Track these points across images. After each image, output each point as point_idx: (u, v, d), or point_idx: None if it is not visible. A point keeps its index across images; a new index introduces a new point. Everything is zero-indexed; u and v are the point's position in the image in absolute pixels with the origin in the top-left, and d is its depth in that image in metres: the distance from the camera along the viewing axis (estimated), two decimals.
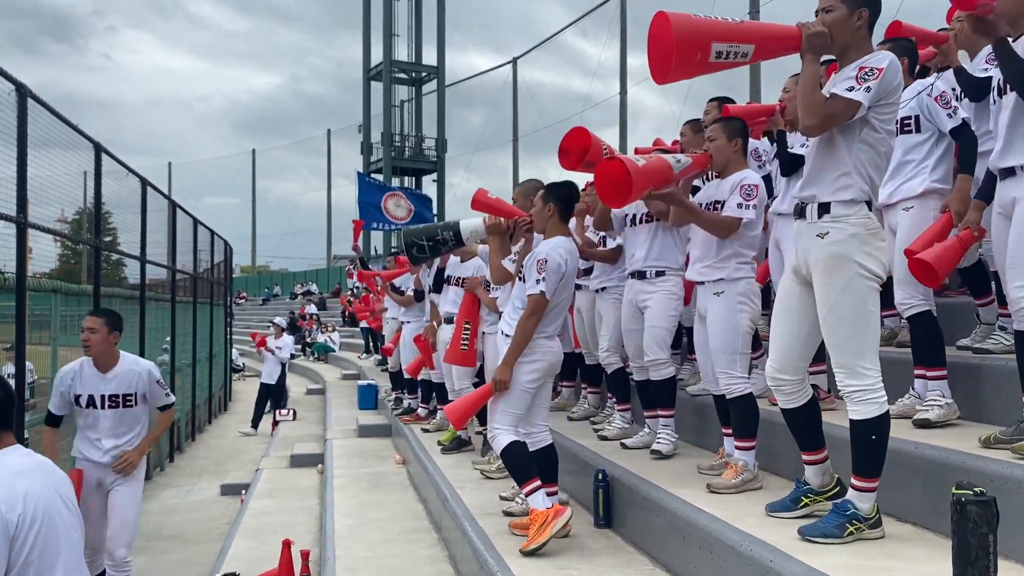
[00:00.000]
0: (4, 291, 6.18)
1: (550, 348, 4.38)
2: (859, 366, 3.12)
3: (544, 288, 4.27)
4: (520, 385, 4.32)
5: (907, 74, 4.19)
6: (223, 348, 19.88)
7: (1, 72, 5.85)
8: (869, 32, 3.24)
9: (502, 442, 4.30)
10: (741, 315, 4.30)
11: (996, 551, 2.15)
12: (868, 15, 3.19)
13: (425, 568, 4.92)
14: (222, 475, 11.19)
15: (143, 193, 11.11)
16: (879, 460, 3.16)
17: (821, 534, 3.15)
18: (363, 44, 42.36)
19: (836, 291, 3.14)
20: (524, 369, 4.32)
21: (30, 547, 2.51)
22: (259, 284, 52.30)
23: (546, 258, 4.30)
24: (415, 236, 4.86)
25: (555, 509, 4.13)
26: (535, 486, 4.19)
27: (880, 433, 3.13)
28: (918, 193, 4.22)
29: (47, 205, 6.93)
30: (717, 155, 4.38)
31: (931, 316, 4.14)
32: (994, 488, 2.57)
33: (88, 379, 5.30)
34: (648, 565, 3.93)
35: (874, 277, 3.15)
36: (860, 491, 3.16)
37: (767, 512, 3.56)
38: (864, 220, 3.15)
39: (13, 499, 2.51)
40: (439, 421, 8.16)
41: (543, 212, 4.52)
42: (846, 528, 3.14)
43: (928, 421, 3.92)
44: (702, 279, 4.42)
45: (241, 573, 5.62)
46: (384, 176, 38.85)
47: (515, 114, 40.54)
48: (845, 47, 3.20)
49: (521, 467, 4.28)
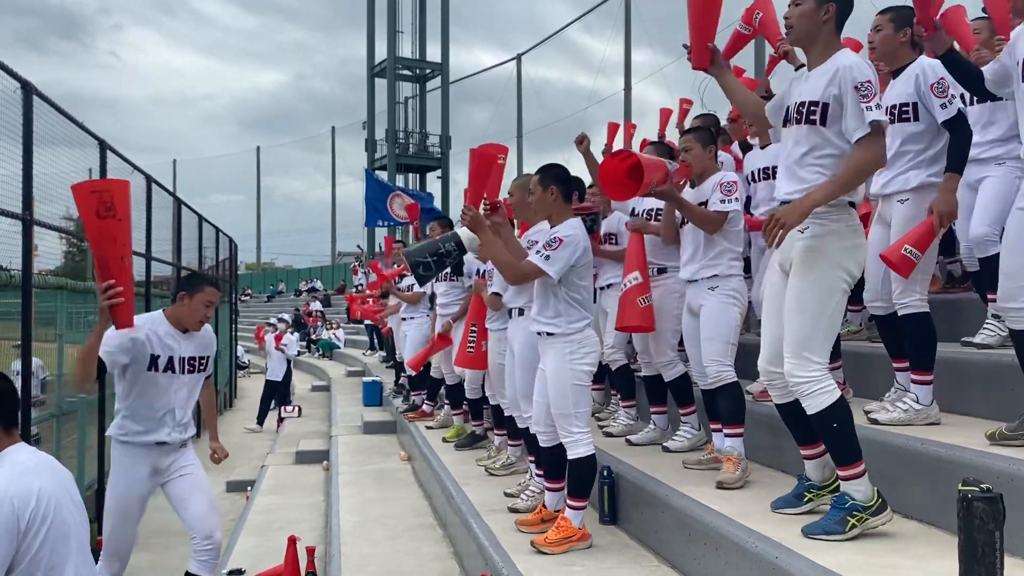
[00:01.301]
0: (10, 288, 6.20)
1: (595, 338, 4.29)
2: (809, 356, 3.14)
3: (547, 267, 4.05)
4: (580, 381, 4.16)
5: (909, 47, 4.05)
6: (228, 345, 19.92)
7: (7, 70, 5.86)
8: (837, 28, 3.27)
9: (582, 451, 4.13)
10: (733, 308, 4.44)
11: (1003, 548, 2.14)
12: (835, 10, 3.23)
13: (430, 564, 4.93)
14: (227, 471, 11.18)
15: (148, 190, 11.13)
16: (852, 445, 3.16)
17: (823, 531, 3.14)
18: (367, 41, 42.34)
19: (806, 281, 3.19)
20: (579, 364, 4.14)
21: (40, 543, 2.52)
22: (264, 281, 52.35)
23: (563, 239, 4.10)
24: (418, 255, 4.76)
25: (583, 534, 4.12)
26: (584, 504, 4.15)
27: (840, 419, 3.15)
28: (913, 187, 4.04)
29: (53, 202, 6.95)
30: (695, 163, 4.61)
31: (928, 317, 4.02)
32: (1001, 485, 2.57)
33: (165, 339, 4.61)
34: (653, 562, 3.93)
35: (847, 275, 3.19)
36: (849, 479, 3.17)
37: (772, 509, 3.56)
38: (845, 218, 3.19)
39: (27, 495, 2.53)
40: (443, 418, 8.16)
41: (546, 197, 4.33)
42: (847, 522, 3.13)
43: (877, 420, 3.94)
44: (696, 277, 4.53)
45: (247, 569, 5.65)
46: (388, 174, 38.84)
47: (519, 111, 40.51)
48: (812, 40, 3.26)
49: (585, 482, 4.16)
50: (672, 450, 5.00)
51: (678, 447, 5.01)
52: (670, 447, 5.03)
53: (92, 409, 8.45)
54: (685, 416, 5.14)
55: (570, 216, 4.32)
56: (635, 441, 5.36)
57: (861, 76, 3.11)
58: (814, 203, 3.09)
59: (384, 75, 41.42)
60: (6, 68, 5.84)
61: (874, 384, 4.63)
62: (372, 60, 42.23)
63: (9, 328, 6.72)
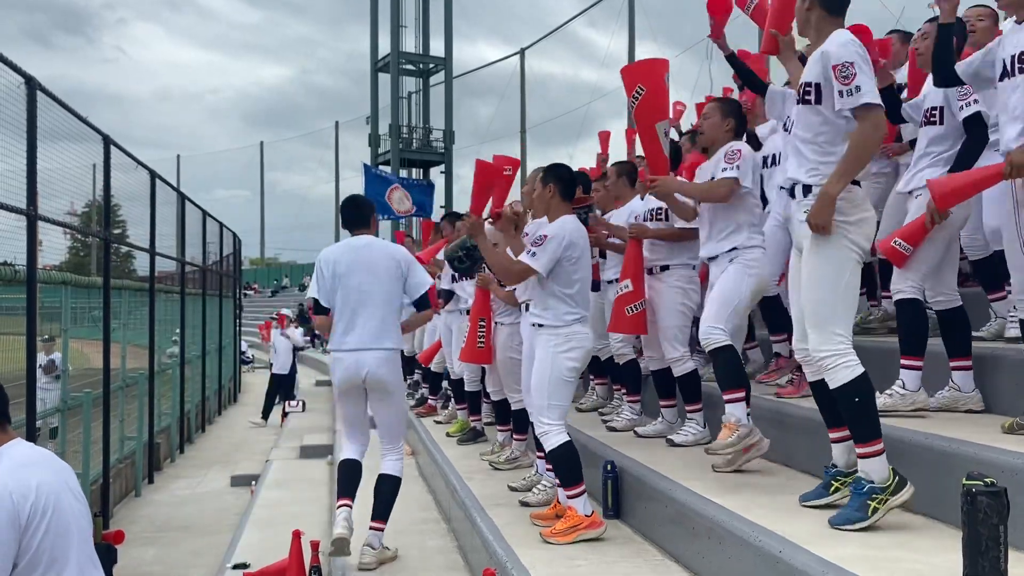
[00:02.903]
0: (15, 284, 6.22)
1: (585, 334, 4.33)
2: (832, 331, 3.22)
3: (534, 263, 4.17)
4: (561, 375, 4.23)
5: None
6: (232, 340, 19.96)
7: (11, 65, 5.86)
8: (831, 13, 3.36)
9: (553, 441, 4.19)
10: (749, 278, 4.42)
11: (1006, 542, 2.15)
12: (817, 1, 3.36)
13: (435, 558, 4.94)
14: (232, 466, 11.25)
15: (152, 186, 11.14)
16: (872, 422, 3.18)
17: (847, 521, 3.16)
18: (371, 35, 42.28)
19: (818, 259, 3.27)
20: (562, 359, 4.22)
21: (41, 536, 2.53)
22: (268, 276, 52.46)
23: (548, 235, 4.23)
24: (452, 250, 5.20)
25: (592, 519, 4.13)
26: (581, 490, 4.16)
27: (862, 394, 3.19)
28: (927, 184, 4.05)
29: (57, 198, 6.96)
30: (709, 131, 4.60)
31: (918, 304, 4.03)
32: (1005, 479, 2.57)
33: None
34: (657, 556, 3.93)
35: (855, 247, 3.25)
36: (867, 458, 3.18)
37: (801, 503, 3.56)
38: (844, 195, 3.23)
39: (25, 489, 2.53)
40: (452, 411, 8.17)
41: (544, 194, 4.44)
42: (868, 506, 3.14)
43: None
44: (714, 253, 4.53)
45: (252, 563, 5.66)
46: (392, 168, 38.82)
47: (523, 105, 40.48)
48: (802, 29, 3.47)
49: (571, 469, 4.20)
50: (676, 444, 5.00)
51: (682, 441, 5.01)
52: (675, 440, 5.03)
53: (97, 403, 8.47)
54: (691, 412, 5.14)
55: (566, 213, 4.41)
56: (642, 433, 5.37)
57: (837, 59, 3.19)
58: (830, 197, 3.19)
59: (388, 70, 41.37)
60: (10, 63, 5.83)
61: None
62: (376, 55, 42.19)
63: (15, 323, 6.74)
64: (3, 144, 5.84)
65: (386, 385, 4.71)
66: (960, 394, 4.03)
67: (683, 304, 5.07)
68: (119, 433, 9.55)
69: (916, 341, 4.01)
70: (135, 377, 10.47)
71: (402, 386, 5.05)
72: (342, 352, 4.66)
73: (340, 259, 4.67)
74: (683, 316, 5.08)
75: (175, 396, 12.68)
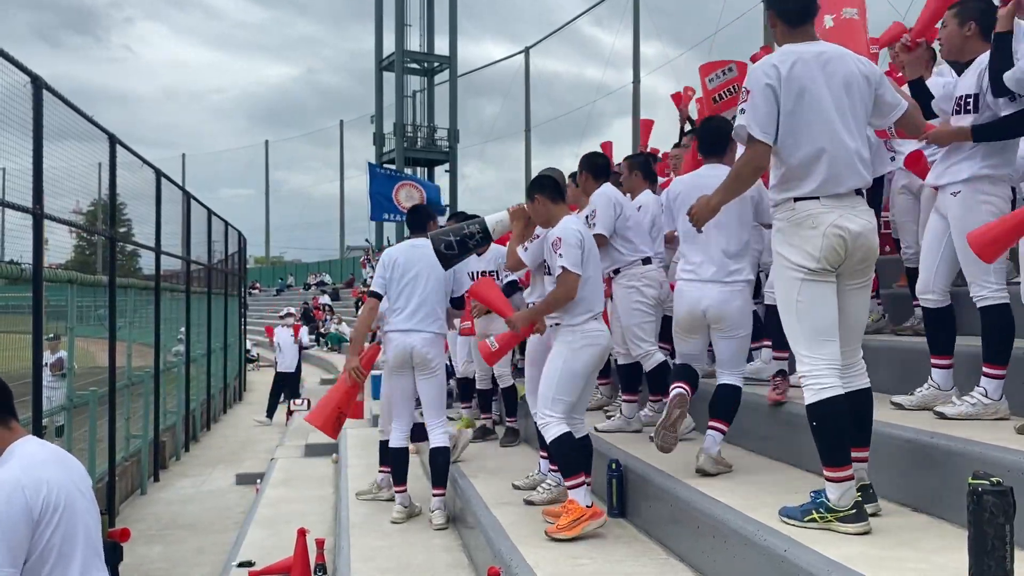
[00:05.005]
0: (21, 282, 6.24)
1: (600, 331, 4.36)
2: (797, 352, 3.25)
3: (566, 263, 4.22)
4: (573, 372, 4.29)
5: (978, 39, 3.90)
6: (237, 338, 20.00)
7: (17, 64, 5.88)
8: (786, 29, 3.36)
9: (553, 432, 4.25)
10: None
11: (1013, 541, 2.14)
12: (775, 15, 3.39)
13: (439, 557, 4.94)
14: (237, 464, 11.27)
15: (157, 184, 11.17)
16: (828, 447, 3.16)
17: (788, 514, 3.25)
18: (375, 34, 42.34)
19: (776, 284, 3.37)
20: (577, 356, 4.28)
21: (51, 532, 2.54)
22: (273, 275, 52.50)
23: (560, 236, 4.30)
24: (443, 235, 4.88)
25: (593, 511, 4.15)
26: (580, 481, 4.19)
27: (817, 419, 3.16)
28: (963, 178, 3.85)
29: (63, 196, 6.98)
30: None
31: (1006, 308, 3.80)
32: (1011, 478, 2.56)
33: None
34: (662, 555, 3.93)
35: (797, 267, 3.23)
36: (827, 480, 3.17)
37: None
38: (787, 214, 3.28)
39: (38, 485, 2.55)
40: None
41: (535, 208, 4.55)
42: (809, 513, 3.18)
43: (944, 414, 3.83)
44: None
45: (257, 561, 5.68)
46: (397, 167, 38.86)
47: (527, 104, 40.53)
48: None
49: (571, 460, 4.26)
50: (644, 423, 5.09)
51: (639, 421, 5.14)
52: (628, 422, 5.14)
53: (103, 402, 8.50)
54: (653, 401, 5.32)
55: (564, 214, 4.52)
56: (601, 429, 5.46)
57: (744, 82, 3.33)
58: (712, 204, 3.51)
59: (392, 69, 41.42)
60: (16, 62, 5.85)
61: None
62: (380, 54, 42.24)
63: (20, 322, 6.77)
64: (10, 143, 5.86)
65: (429, 362, 5.40)
66: (940, 392, 4.02)
67: (638, 302, 5.24)
68: (125, 431, 9.58)
69: (1004, 349, 3.79)
70: (140, 375, 10.49)
71: (443, 366, 5.67)
72: (396, 332, 5.38)
73: (400, 256, 5.50)
74: (641, 313, 5.25)
75: (180, 394, 12.71)
